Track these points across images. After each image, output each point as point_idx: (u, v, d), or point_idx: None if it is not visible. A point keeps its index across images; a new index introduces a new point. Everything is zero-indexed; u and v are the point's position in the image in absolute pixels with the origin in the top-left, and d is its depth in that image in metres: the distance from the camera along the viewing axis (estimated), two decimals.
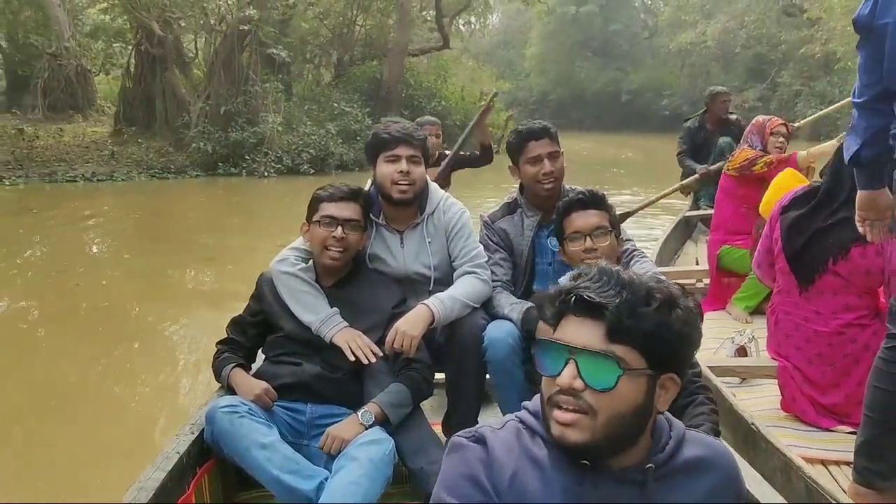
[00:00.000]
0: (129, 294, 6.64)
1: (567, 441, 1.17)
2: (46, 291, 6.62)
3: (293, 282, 2.52)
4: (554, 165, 2.76)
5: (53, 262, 7.83)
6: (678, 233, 6.49)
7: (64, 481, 3.44)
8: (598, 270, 1.20)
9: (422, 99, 20.32)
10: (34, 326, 5.80)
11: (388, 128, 2.71)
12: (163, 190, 13.11)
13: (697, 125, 6.86)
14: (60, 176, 13.42)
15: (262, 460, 2.09)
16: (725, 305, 4.47)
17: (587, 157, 22.12)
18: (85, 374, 4.82)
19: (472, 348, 2.55)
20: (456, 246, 2.76)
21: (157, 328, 5.66)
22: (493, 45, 41.36)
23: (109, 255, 8.51)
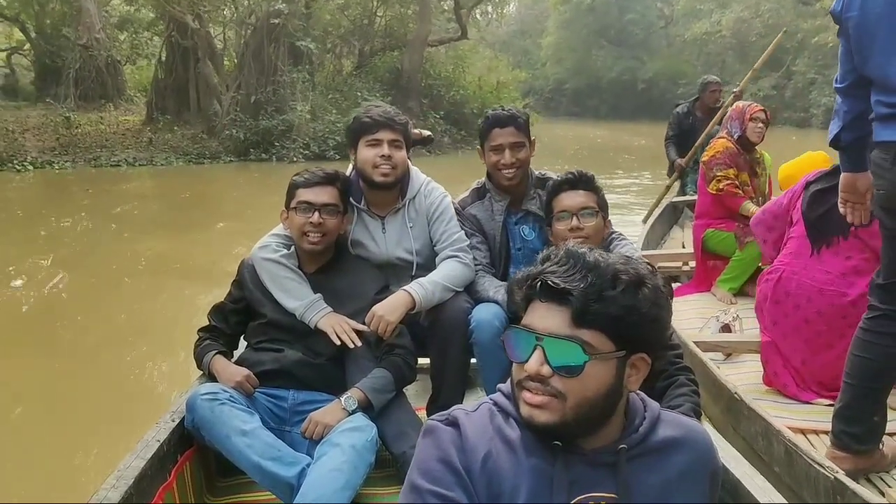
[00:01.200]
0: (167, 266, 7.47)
1: (536, 422, 1.20)
2: (114, 258, 7.70)
3: (275, 268, 2.54)
4: (515, 156, 2.77)
5: (121, 232, 8.97)
6: (665, 218, 6.69)
7: (41, 468, 3.48)
8: (565, 253, 1.21)
9: (440, 88, 21.32)
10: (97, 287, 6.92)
11: (369, 111, 2.71)
12: (201, 173, 14.29)
13: (686, 111, 7.16)
14: (104, 161, 14.64)
15: (243, 447, 2.10)
16: (711, 287, 4.68)
17: (601, 144, 23.12)
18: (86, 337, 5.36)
19: (456, 332, 2.58)
20: (437, 230, 2.78)
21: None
22: (510, 34, 42.29)
23: (167, 227, 9.60)
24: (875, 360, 2.43)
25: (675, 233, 6.56)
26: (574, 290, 1.16)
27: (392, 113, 2.72)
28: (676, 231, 6.58)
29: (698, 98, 7.09)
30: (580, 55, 38.20)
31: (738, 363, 3.57)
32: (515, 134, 2.77)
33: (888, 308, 2.40)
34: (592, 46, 38.11)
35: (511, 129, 2.77)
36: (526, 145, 2.80)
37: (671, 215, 6.78)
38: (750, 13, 29.10)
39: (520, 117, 2.81)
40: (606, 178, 13.14)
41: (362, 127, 2.68)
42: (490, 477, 1.21)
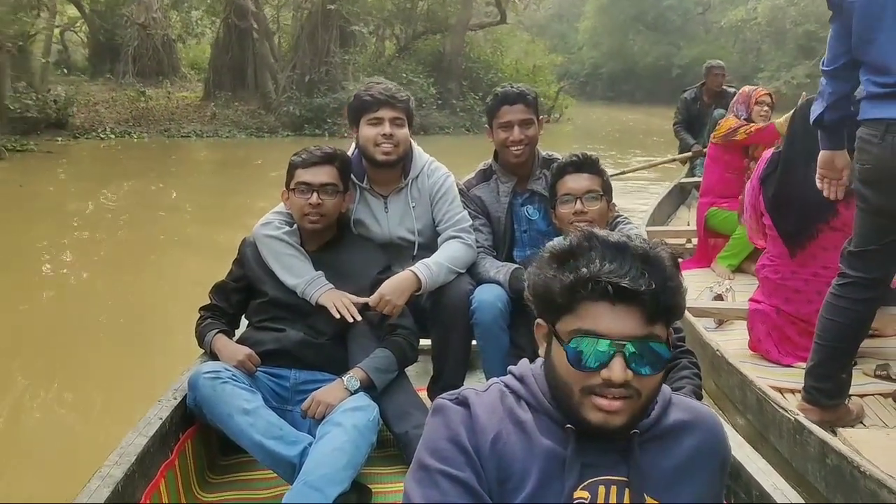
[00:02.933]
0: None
1: (610, 427, 1.18)
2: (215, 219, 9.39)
3: (278, 245, 2.57)
4: (524, 133, 2.80)
5: (212, 194, 10.74)
6: (673, 198, 7.00)
7: (43, 444, 3.58)
8: (610, 246, 1.17)
9: (479, 71, 22.92)
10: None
11: (370, 89, 2.71)
12: (262, 145, 16.09)
13: (693, 97, 7.45)
14: (174, 132, 16.56)
15: (245, 426, 2.13)
16: (711, 263, 4.96)
17: (632, 126, 24.59)
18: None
19: (458, 313, 2.62)
20: (440, 210, 2.80)
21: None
22: (548, 17, 43.43)
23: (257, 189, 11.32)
24: (846, 323, 2.63)
25: (681, 212, 6.90)
26: (646, 290, 1.13)
27: (393, 90, 2.72)
28: (683, 211, 6.91)
29: (704, 83, 7.39)
30: (617, 40, 39.33)
31: (728, 331, 3.89)
32: (524, 111, 2.81)
33: (859, 276, 2.59)
34: (629, 31, 39.18)
35: (520, 107, 2.81)
36: (534, 123, 2.84)
37: (679, 195, 7.11)
38: (785, 1, 30.08)
39: (528, 95, 2.85)
40: (630, 157, 14.73)
41: (363, 105, 2.69)
42: (500, 458, 1.22)
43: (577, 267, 1.16)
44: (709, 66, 7.46)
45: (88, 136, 15.37)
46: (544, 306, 1.23)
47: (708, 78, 7.33)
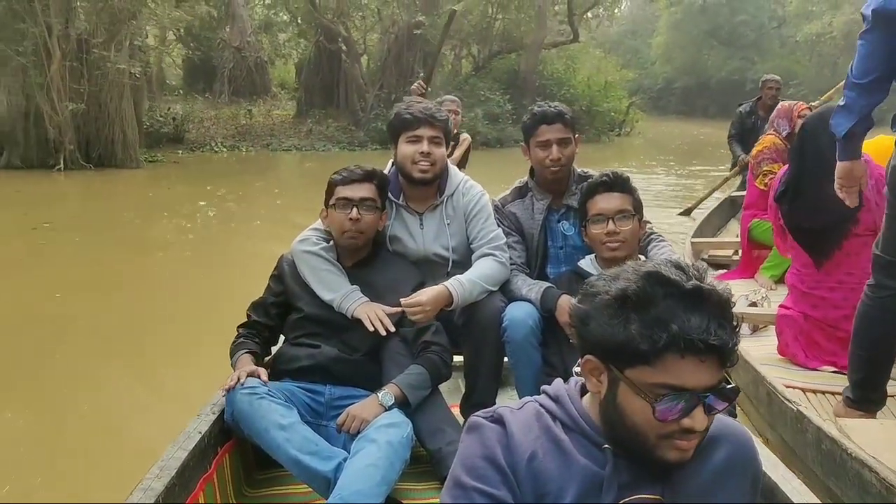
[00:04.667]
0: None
1: (684, 462, 1.23)
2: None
3: (315, 260, 2.68)
4: (562, 152, 2.86)
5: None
6: (723, 210, 7.20)
7: (83, 456, 3.57)
8: (678, 294, 1.18)
9: (552, 87, 24.61)
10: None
11: (410, 108, 2.80)
12: (353, 158, 18.01)
13: (748, 110, 7.58)
14: (276, 146, 18.80)
15: (282, 441, 2.21)
16: (754, 274, 4.99)
17: (703, 140, 25.85)
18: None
19: (490, 330, 2.68)
20: (474, 228, 2.86)
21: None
22: (621, 33, 44.86)
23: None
24: (886, 333, 2.70)
25: (732, 225, 6.98)
26: (730, 343, 1.17)
27: (433, 109, 2.80)
28: (734, 223, 6.89)
29: (760, 97, 7.55)
30: (690, 55, 40.54)
31: (762, 337, 3.98)
32: (562, 130, 2.86)
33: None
34: (703, 46, 40.39)
35: (558, 126, 2.86)
36: (572, 141, 2.90)
37: (730, 209, 7.23)
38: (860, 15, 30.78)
39: (566, 114, 2.90)
40: (688, 167, 16.18)
41: (403, 123, 2.77)
42: (536, 476, 1.25)
43: (664, 322, 1.15)
44: (764, 79, 7.63)
45: (203, 150, 17.69)
46: (612, 353, 1.21)
47: (763, 92, 7.50)
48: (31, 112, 13.21)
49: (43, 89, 12.99)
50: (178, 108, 18.67)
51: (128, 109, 14.15)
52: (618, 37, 44.37)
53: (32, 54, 12.82)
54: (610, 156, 20.18)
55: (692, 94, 40.40)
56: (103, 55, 13.45)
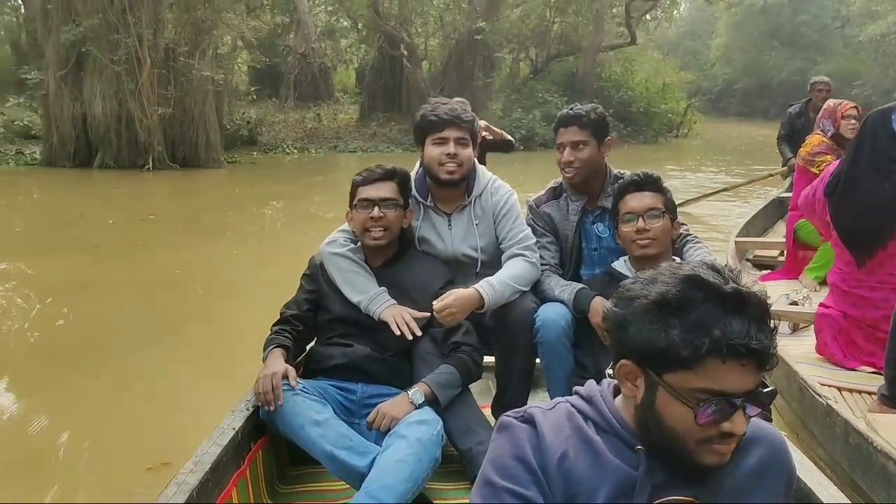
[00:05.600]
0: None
1: (722, 464, 1.24)
2: None
3: (342, 262, 2.74)
4: (575, 154, 2.86)
5: None
6: (770, 211, 7.16)
7: (118, 448, 3.60)
8: (718, 296, 1.18)
9: (610, 89, 25.21)
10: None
11: (436, 109, 2.82)
12: (416, 158, 19.05)
13: (798, 112, 7.59)
14: (342, 148, 19.88)
15: (317, 436, 2.27)
16: (799, 275, 5.00)
17: (761, 141, 26.02)
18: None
19: (522, 331, 2.71)
20: (504, 228, 2.90)
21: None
22: (680, 35, 45.08)
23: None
24: None
25: (779, 226, 6.94)
26: (769, 346, 1.18)
27: (459, 110, 2.81)
28: (780, 225, 6.89)
29: (810, 99, 7.51)
30: (750, 56, 40.61)
31: (802, 336, 3.98)
32: (577, 133, 2.86)
33: None
34: (763, 47, 40.44)
35: (574, 129, 2.86)
36: (590, 144, 2.87)
37: (777, 209, 7.19)
38: None
39: (584, 117, 2.87)
40: (741, 167, 16.67)
41: (429, 125, 2.79)
42: (566, 476, 1.26)
43: (706, 326, 1.15)
44: (813, 81, 7.62)
45: (275, 151, 18.82)
46: (651, 358, 1.21)
47: (812, 93, 7.46)
48: (123, 116, 14.40)
49: (134, 95, 14.20)
50: (252, 113, 19.87)
51: (210, 113, 15.32)
52: (676, 38, 44.60)
53: (125, 63, 14.01)
54: (665, 157, 20.76)
55: (752, 95, 40.47)
56: (188, 63, 14.64)
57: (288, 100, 26.69)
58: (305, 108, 25.64)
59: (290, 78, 27.38)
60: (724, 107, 41.67)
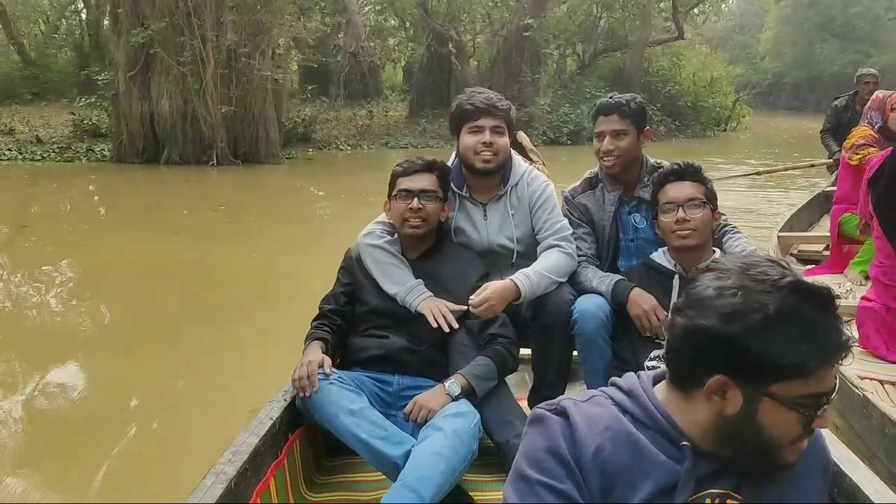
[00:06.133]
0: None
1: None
2: None
3: (379, 254, 2.75)
4: (615, 143, 2.84)
5: None
6: (815, 205, 7.20)
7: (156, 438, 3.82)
8: (812, 301, 1.18)
9: (657, 84, 25.55)
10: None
11: (471, 98, 2.84)
12: None
13: (844, 105, 7.56)
14: (393, 144, 20.55)
15: (351, 425, 2.30)
16: (844, 269, 4.97)
17: (812, 135, 25.91)
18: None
19: (559, 322, 2.70)
20: (540, 218, 2.89)
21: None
22: (728, 29, 44.88)
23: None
24: None
25: (824, 221, 6.89)
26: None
27: (494, 99, 2.83)
28: (826, 220, 6.80)
29: (857, 92, 7.41)
30: (801, 49, 40.37)
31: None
32: (618, 121, 2.83)
33: None
34: (814, 40, 40.09)
35: (614, 117, 2.84)
36: (630, 133, 2.85)
37: (823, 204, 7.13)
38: None
39: (625, 106, 2.85)
40: (785, 160, 16.90)
41: (464, 114, 2.81)
42: (602, 470, 1.24)
43: (823, 335, 1.16)
44: (860, 74, 7.55)
45: (329, 148, 19.53)
46: (766, 371, 1.17)
47: (859, 86, 7.39)
48: (188, 114, 15.19)
49: (199, 94, 15.00)
50: (307, 111, 20.65)
51: (269, 111, 16.06)
52: (725, 32, 44.42)
53: (190, 63, 14.82)
54: (713, 149, 21.02)
55: (803, 88, 40.25)
56: (250, 63, 15.40)
57: (338, 98, 27.42)
58: (355, 106, 26.25)
59: (341, 77, 28.14)
60: (774, 100, 41.43)
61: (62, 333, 5.46)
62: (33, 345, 5.20)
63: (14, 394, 4.33)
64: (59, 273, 7.26)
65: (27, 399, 4.27)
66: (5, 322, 5.74)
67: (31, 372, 4.72)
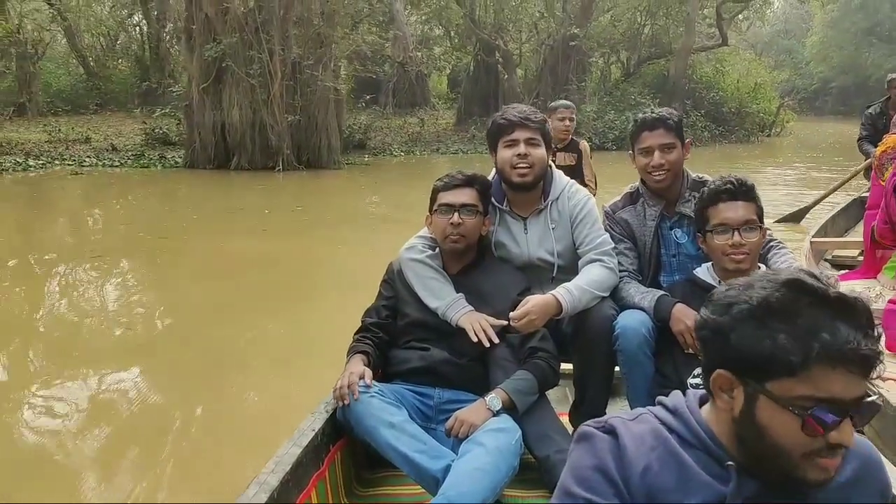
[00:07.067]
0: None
1: (829, 482, 1.21)
2: None
3: (421, 268, 2.82)
4: (665, 157, 2.84)
5: None
6: (852, 211, 7.33)
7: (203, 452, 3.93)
8: (824, 301, 1.16)
9: (701, 91, 26.28)
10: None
11: (504, 113, 2.90)
12: None
13: (879, 111, 7.66)
14: (444, 150, 21.69)
15: (391, 438, 2.34)
16: (877, 275, 5.02)
17: (856, 137, 26.67)
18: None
19: (601, 338, 2.72)
20: (581, 233, 2.92)
21: None
22: (773, 33, 45.47)
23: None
24: None
25: (860, 226, 6.94)
26: (878, 353, 1.15)
27: (528, 112, 2.89)
28: (861, 225, 6.80)
29: (888, 97, 7.61)
30: (848, 53, 40.84)
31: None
32: (665, 135, 2.85)
33: None
34: (861, 44, 40.56)
35: (660, 132, 2.86)
36: (677, 147, 2.87)
37: (859, 209, 7.22)
38: None
39: (669, 119, 2.88)
40: (829, 165, 17.58)
41: (499, 129, 2.88)
42: (649, 490, 1.25)
43: (814, 331, 1.14)
44: (889, 79, 7.66)
45: (384, 154, 20.71)
46: (754, 366, 1.19)
47: (890, 91, 7.57)
48: (256, 123, 16.45)
49: (267, 104, 16.28)
50: (363, 119, 21.91)
51: (331, 120, 17.28)
52: (770, 37, 45.01)
53: (259, 76, 16.10)
54: (757, 154, 21.79)
55: (850, 93, 40.57)
56: (314, 75, 16.65)
57: (387, 106, 28.58)
58: (403, 115, 27.48)
59: (390, 86, 29.33)
60: (821, 105, 41.92)
61: (189, 305, 6.64)
62: (173, 310, 6.44)
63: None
64: (183, 263, 8.49)
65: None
66: (151, 289, 7.03)
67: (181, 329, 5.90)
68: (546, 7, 24.74)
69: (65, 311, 6.63)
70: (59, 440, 4.06)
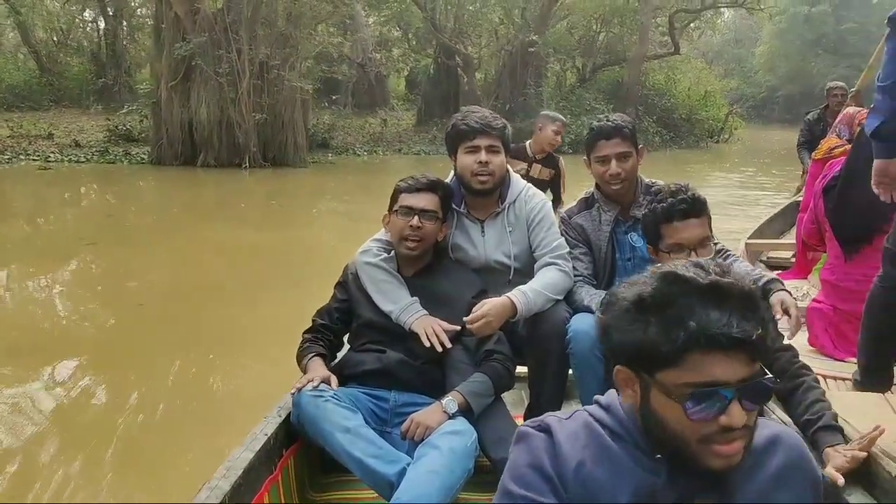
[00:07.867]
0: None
1: (731, 467, 1.24)
2: None
3: (375, 272, 2.84)
4: (622, 166, 2.92)
5: None
6: (787, 215, 7.44)
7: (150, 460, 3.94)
8: (696, 290, 1.21)
9: (654, 97, 27.47)
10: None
11: (466, 118, 2.94)
12: None
13: (816, 118, 7.98)
14: (406, 150, 22.46)
15: (346, 443, 2.34)
16: (808, 275, 5.24)
17: None
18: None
19: (555, 340, 2.77)
20: (537, 236, 2.99)
21: None
22: (724, 42, 47.04)
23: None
24: (893, 321, 2.99)
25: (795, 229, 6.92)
26: (754, 334, 1.19)
27: (489, 118, 2.94)
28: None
29: (827, 105, 7.94)
30: (794, 63, 42.59)
31: (801, 332, 4.02)
32: (621, 144, 2.94)
33: None
34: (808, 55, 42.33)
35: (616, 140, 2.93)
36: (633, 154, 2.97)
37: (794, 213, 7.22)
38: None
39: (625, 127, 2.96)
40: (785, 171, 18.72)
41: (460, 134, 2.93)
42: (584, 485, 1.30)
43: (682, 320, 1.19)
44: (829, 87, 8.04)
45: (347, 154, 21.37)
46: (638, 359, 1.26)
47: (829, 99, 7.91)
48: (224, 121, 16.99)
49: (234, 103, 16.83)
50: (327, 118, 22.56)
51: (298, 119, 17.89)
52: (720, 46, 46.62)
53: (227, 75, 16.64)
54: (707, 159, 23.00)
55: (796, 101, 41.98)
56: (280, 75, 17.30)
57: (346, 107, 29.08)
58: (364, 115, 27.90)
59: (349, 86, 29.82)
60: (768, 113, 43.60)
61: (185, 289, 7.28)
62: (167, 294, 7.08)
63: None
64: (167, 254, 9.07)
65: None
66: (133, 279, 7.67)
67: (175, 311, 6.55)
68: (505, 14, 25.71)
69: (56, 301, 7.15)
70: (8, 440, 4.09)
